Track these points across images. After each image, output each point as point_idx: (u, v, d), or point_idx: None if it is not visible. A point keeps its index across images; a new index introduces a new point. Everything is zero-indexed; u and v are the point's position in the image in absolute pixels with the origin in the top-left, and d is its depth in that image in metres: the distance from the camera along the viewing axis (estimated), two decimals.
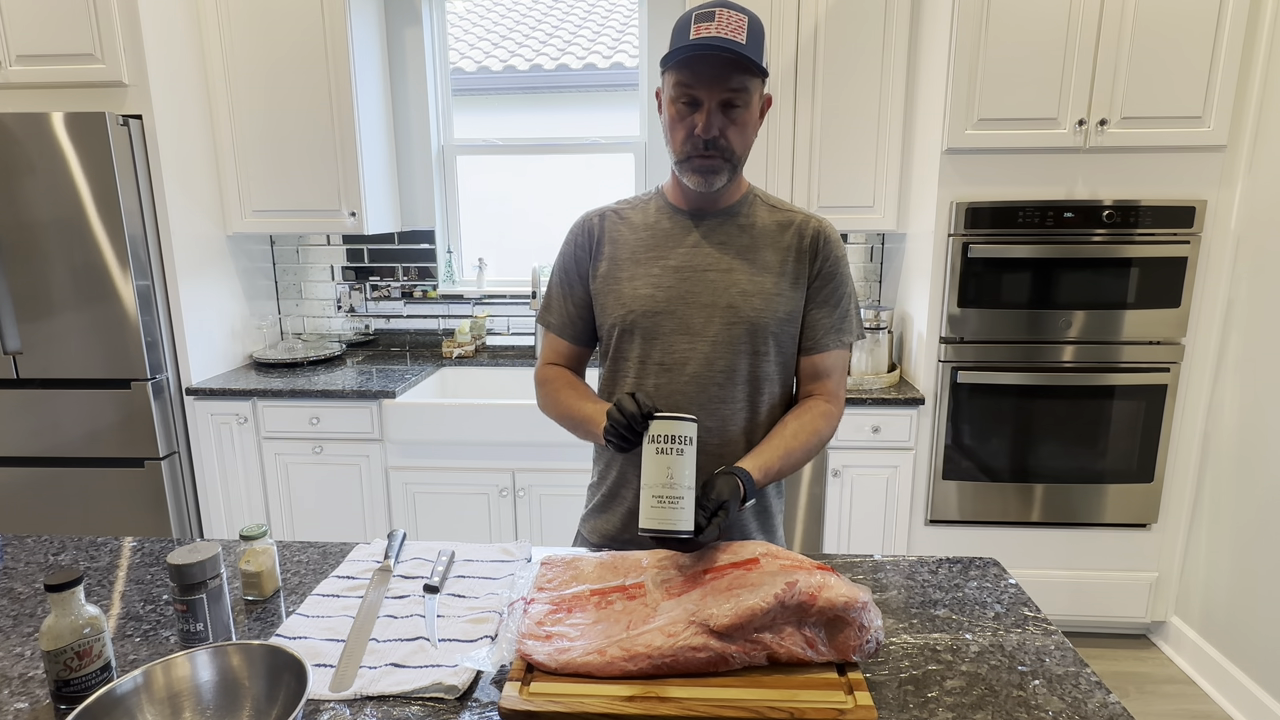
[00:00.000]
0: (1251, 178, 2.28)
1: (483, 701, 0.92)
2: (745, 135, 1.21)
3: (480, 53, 3.52)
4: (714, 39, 1.12)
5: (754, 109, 1.20)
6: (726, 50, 1.11)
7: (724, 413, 1.27)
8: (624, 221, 1.32)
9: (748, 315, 1.25)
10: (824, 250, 1.28)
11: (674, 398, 1.26)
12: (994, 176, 2.37)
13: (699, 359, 1.25)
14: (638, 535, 1.32)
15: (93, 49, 2.35)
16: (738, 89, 1.15)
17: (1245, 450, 2.30)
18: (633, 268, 1.28)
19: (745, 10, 1.16)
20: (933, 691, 0.94)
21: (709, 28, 1.13)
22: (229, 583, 1.09)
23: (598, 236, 1.32)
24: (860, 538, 2.59)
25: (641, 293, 1.26)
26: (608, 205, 1.36)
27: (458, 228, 3.20)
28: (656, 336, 1.26)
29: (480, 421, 2.54)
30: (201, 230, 2.69)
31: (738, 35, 1.13)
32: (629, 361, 1.29)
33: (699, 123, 1.17)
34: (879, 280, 3.04)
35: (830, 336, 1.30)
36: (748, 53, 1.12)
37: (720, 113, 1.17)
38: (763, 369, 1.28)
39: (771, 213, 1.31)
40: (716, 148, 1.19)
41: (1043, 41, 2.25)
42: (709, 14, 1.15)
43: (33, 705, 0.92)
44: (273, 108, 2.70)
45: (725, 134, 1.18)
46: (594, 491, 1.41)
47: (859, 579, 1.21)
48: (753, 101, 1.19)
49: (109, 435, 2.49)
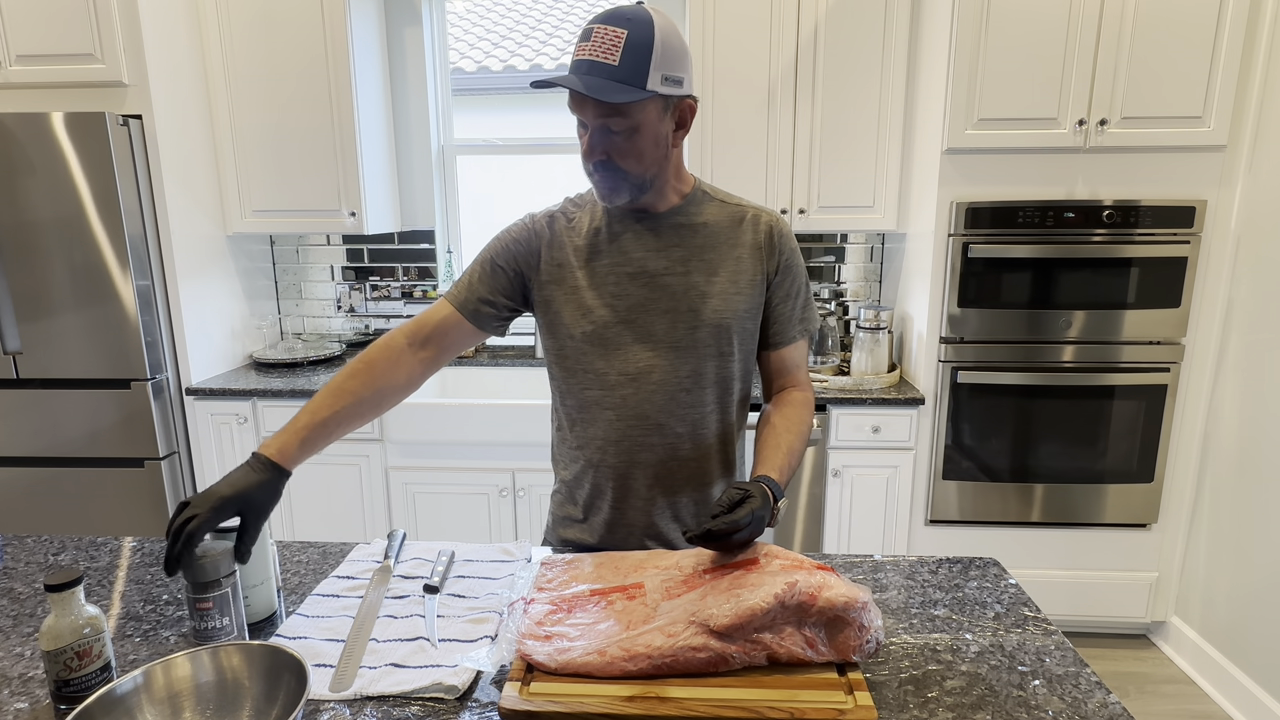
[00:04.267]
0: (1251, 178, 2.28)
1: (483, 701, 0.92)
2: (640, 154, 1.15)
3: (480, 53, 3.52)
4: (582, 62, 1.09)
5: (646, 128, 1.13)
6: (581, 80, 1.07)
7: (694, 417, 1.26)
8: (571, 226, 1.27)
9: (709, 318, 1.23)
10: (780, 244, 1.27)
11: (642, 407, 1.24)
12: (994, 176, 2.37)
13: (664, 366, 1.23)
14: (616, 544, 1.31)
15: (93, 49, 2.35)
16: (610, 115, 1.10)
17: (1245, 450, 2.30)
18: (585, 278, 1.24)
19: (633, 20, 1.08)
20: (933, 691, 0.94)
21: (585, 48, 1.09)
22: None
23: (545, 240, 1.26)
24: (860, 538, 2.59)
25: (598, 305, 1.23)
26: (554, 206, 1.31)
27: (458, 228, 3.20)
28: (620, 347, 1.23)
29: (480, 421, 2.54)
30: (201, 230, 2.69)
31: (609, 56, 1.07)
32: (591, 374, 1.25)
33: (583, 143, 1.16)
34: (879, 280, 3.04)
35: (795, 328, 1.30)
36: (614, 76, 1.07)
37: (605, 135, 1.13)
38: (729, 369, 1.27)
39: (722, 208, 1.28)
40: (606, 169, 1.16)
41: (1043, 41, 2.25)
42: (588, 31, 1.09)
43: (33, 705, 0.92)
44: (273, 107, 2.70)
45: (611, 156, 1.14)
46: (564, 500, 1.37)
47: (859, 579, 1.21)
48: (641, 122, 1.12)
49: (109, 435, 2.49)
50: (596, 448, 1.28)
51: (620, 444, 1.26)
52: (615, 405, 1.25)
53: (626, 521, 1.30)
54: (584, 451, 1.30)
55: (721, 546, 1.04)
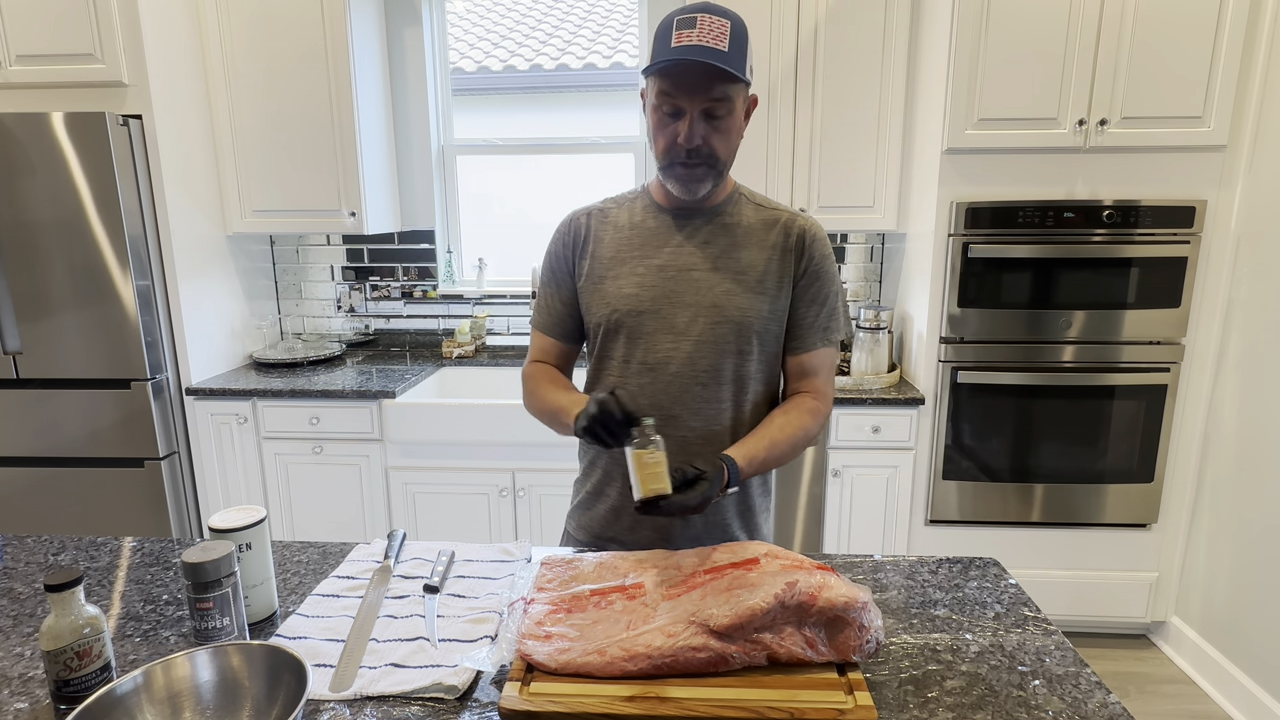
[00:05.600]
0: (1251, 178, 2.28)
1: (483, 701, 0.92)
2: (729, 141, 1.20)
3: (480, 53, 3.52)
4: (695, 47, 1.11)
5: (737, 115, 1.20)
6: (707, 60, 1.10)
7: (708, 412, 1.27)
8: (609, 221, 1.32)
9: (731, 315, 1.25)
10: (810, 249, 1.28)
11: (657, 397, 1.26)
12: (994, 176, 2.37)
13: (682, 358, 1.25)
14: (621, 533, 1.33)
15: (93, 49, 2.35)
16: (719, 98, 1.15)
17: (1245, 450, 2.30)
18: (617, 267, 1.28)
19: (729, 14, 1.15)
20: (933, 691, 0.94)
21: (690, 35, 1.12)
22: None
23: (584, 235, 1.32)
24: (860, 538, 2.59)
25: (626, 292, 1.26)
26: (594, 204, 1.36)
27: (458, 228, 3.20)
28: (640, 336, 1.26)
29: (480, 421, 2.54)
30: (201, 230, 2.69)
31: (719, 42, 1.12)
32: (613, 360, 1.29)
33: (681, 131, 1.17)
34: (879, 280, 3.04)
35: (818, 335, 1.30)
36: (728, 61, 1.11)
37: (703, 121, 1.17)
38: (747, 368, 1.28)
39: (757, 211, 1.30)
40: (699, 155, 1.19)
41: (1043, 41, 2.25)
42: (690, 20, 1.13)
43: (33, 705, 0.92)
44: (273, 107, 2.70)
45: (708, 141, 1.18)
46: (579, 487, 1.42)
47: (859, 579, 1.21)
48: (736, 108, 1.18)
49: (109, 435, 2.49)
50: None
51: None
52: (631, 393, 1.26)
53: (631, 510, 1.30)
54: None
55: (663, 514, 1.07)
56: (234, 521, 1.08)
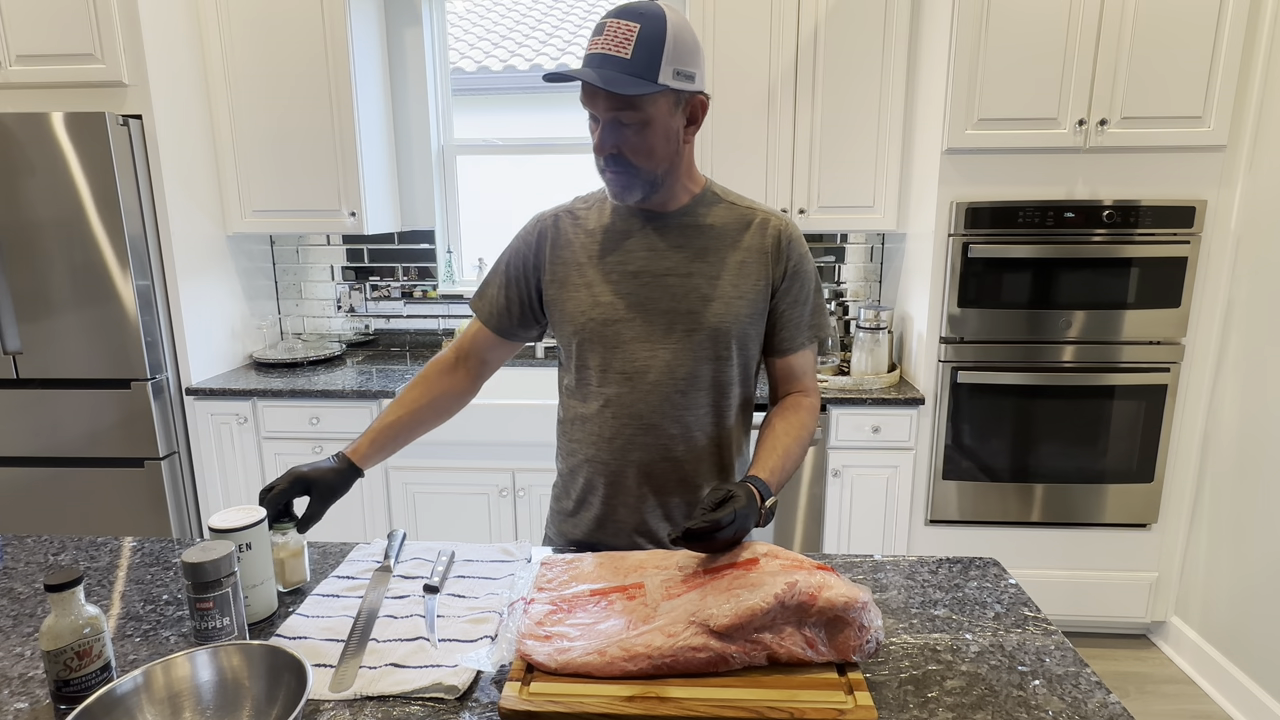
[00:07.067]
0: (1251, 178, 2.28)
1: (483, 701, 0.92)
2: (651, 150, 1.15)
3: (480, 53, 3.53)
4: (594, 55, 1.09)
5: (658, 123, 1.13)
6: (600, 69, 1.07)
7: (688, 420, 1.25)
8: (578, 224, 1.28)
9: (709, 321, 1.22)
10: (788, 250, 1.26)
11: (637, 406, 1.24)
12: (994, 176, 2.37)
13: (660, 366, 1.23)
14: (605, 539, 1.32)
15: (93, 49, 2.35)
16: (621, 108, 1.11)
17: (1245, 450, 2.30)
18: (590, 273, 1.25)
19: (644, 15, 1.09)
20: (933, 691, 0.94)
21: (598, 42, 1.09)
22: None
23: (550, 239, 1.28)
24: (860, 538, 2.59)
25: (602, 300, 1.24)
26: (563, 205, 1.33)
27: (458, 228, 3.20)
28: (617, 345, 1.24)
29: (480, 421, 2.54)
30: (201, 230, 2.69)
31: (622, 50, 1.07)
32: (591, 370, 1.27)
33: (595, 138, 1.16)
34: (879, 280, 3.04)
35: (803, 334, 1.29)
36: (628, 69, 1.07)
37: (616, 128, 1.13)
38: (726, 374, 1.26)
39: (730, 210, 1.27)
40: (618, 163, 1.16)
41: (1042, 42, 2.25)
42: (601, 25, 1.10)
43: (33, 705, 0.92)
44: (273, 108, 2.69)
45: (621, 150, 1.14)
46: (560, 493, 1.39)
47: (859, 579, 1.21)
48: (652, 116, 1.12)
49: (109, 435, 2.49)
50: (590, 443, 1.29)
51: (613, 441, 1.27)
52: (610, 402, 1.26)
53: (617, 518, 1.31)
54: (579, 446, 1.31)
55: (705, 546, 1.04)
56: (234, 521, 1.08)
